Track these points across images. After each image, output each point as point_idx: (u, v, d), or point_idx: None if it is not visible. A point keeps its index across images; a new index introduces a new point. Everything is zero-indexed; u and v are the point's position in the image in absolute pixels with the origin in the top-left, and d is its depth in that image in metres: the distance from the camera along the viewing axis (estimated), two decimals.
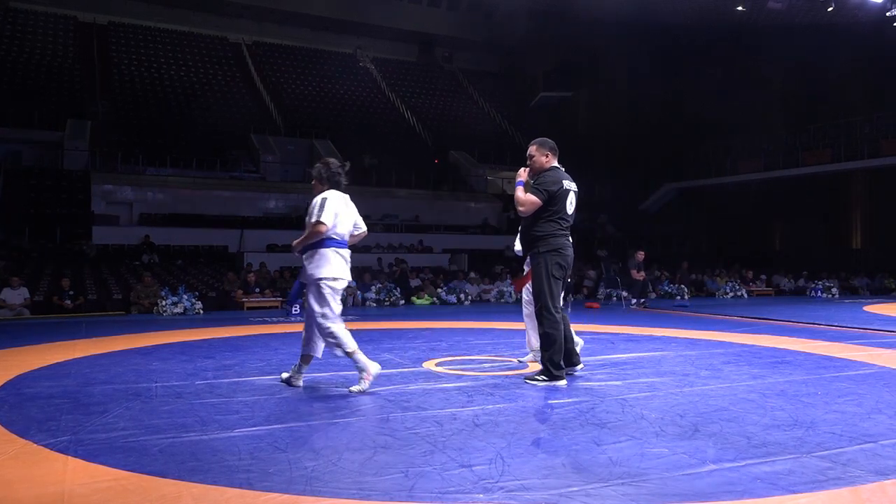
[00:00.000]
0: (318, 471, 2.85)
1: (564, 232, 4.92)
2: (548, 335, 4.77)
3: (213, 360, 6.08)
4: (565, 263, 4.88)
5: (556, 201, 4.85)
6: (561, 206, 4.87)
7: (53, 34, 25.70)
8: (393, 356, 6.32)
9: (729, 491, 2.63)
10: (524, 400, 4.33)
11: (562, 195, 4.87)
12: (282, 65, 29.59)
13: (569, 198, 4.93)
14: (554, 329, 4.75)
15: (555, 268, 4.82)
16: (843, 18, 18.90)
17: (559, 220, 4.87)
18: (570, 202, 4.95)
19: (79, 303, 12.23)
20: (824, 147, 21.89)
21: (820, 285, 17.59)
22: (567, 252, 4.89)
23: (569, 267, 4.96)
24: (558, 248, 4.84)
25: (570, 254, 4.93)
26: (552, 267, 4.81)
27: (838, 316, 10.91)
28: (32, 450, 3.22)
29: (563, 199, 4.88)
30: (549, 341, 4.78)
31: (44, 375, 5.29)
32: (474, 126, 29.11)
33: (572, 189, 4.97)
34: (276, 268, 16.08)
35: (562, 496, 2.57)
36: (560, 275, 4.86)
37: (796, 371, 5.48)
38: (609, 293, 16.17)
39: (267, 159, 22.58)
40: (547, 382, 4.75)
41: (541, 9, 26.37)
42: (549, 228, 4.86)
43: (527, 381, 4.85)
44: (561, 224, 4.89)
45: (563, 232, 4.91)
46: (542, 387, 4.71)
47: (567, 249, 4.90)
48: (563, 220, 4.90)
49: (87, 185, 19.13)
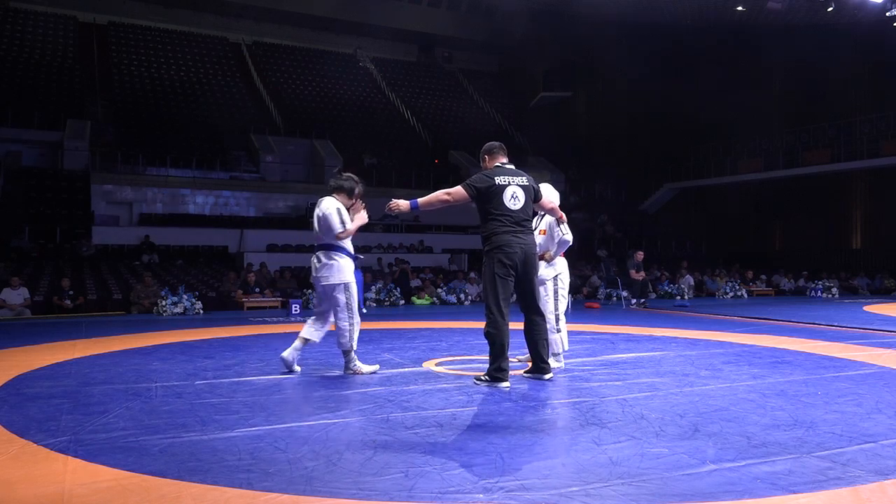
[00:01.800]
0: (318, 471, 2.85)
1: (509, 228, 4.73)
2: (487, 334, 4.71)
3: (213, 360, 6.09)
4: (510, 261, 4.68)
5: (490, 198, 4.74)
6: (497, 203, 4.74)
7: (53, 34, 25.70)
8: (393, 356, 6.33)
9: (729, 491, 2.63)
10: (524, 400, 4.32)
11: (495, 191, 4.74)
12: (282, 65, 29.60)
13: (507, 192, 4.76)
14: (494, 329, 4.66)
15: (497, 266, 4.68)
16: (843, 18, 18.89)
17: (500, 216, 4.73)
18: (513, 196, 4.77)
19: (79, 303, 12.24)
20: (824, 147, 21.88)
21: (820, 285, 17.59)
22: (512, 249, 4.68)
23: (517, 264, 4.72)
24: (501, 245, 4.69)
25: (518, 250, 4.70)
26: (495, 265, 4.69)
27: (838, 316, 10.90)
28: (32, 450, 3.22)
29: (498, 195, 4.74)
30: (489, 342, 4.73)
31: (44, 375, 5.29)
32: (474, 126, 29.10)
33: (515, 183, 4.81)
34: (276, 268, 16.09)
35: (562, 496, 2.57)
36: (504, 273, 4.69)
37: (796, 371, 5.48)
38: (609, 293, 16.18)
39: (267, 159, 22.58)
40: (488, 383, 4.70)
41: (541, 9, 26.35)
42: (490, 227, 4.75)
43: (475, 381, 4.82)
44: (503, 221, 4.73)
45: (506, 228, 4.72)
46: (485, 388, 4.65)
47: (512, 246, 4.69)
48: (505, 216, 4.74)
49: (87, 185, 19.14)
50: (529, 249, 4.79)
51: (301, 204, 21.49)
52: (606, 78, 28.82)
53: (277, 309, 12.98)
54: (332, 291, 5.21)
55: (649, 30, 23.14)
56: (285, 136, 24.24)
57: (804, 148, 22.40)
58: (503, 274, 4.69)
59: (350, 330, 5.23)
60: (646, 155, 26.44)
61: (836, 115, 21.84)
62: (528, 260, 4.76)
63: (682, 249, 23.51)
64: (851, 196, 23.15)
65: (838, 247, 23.22)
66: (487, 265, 4.76)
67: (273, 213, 21.58)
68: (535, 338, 4.89)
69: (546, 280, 5.43)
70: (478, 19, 32.06)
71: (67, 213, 18.11)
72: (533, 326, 4.88)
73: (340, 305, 5.23)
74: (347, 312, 5.24)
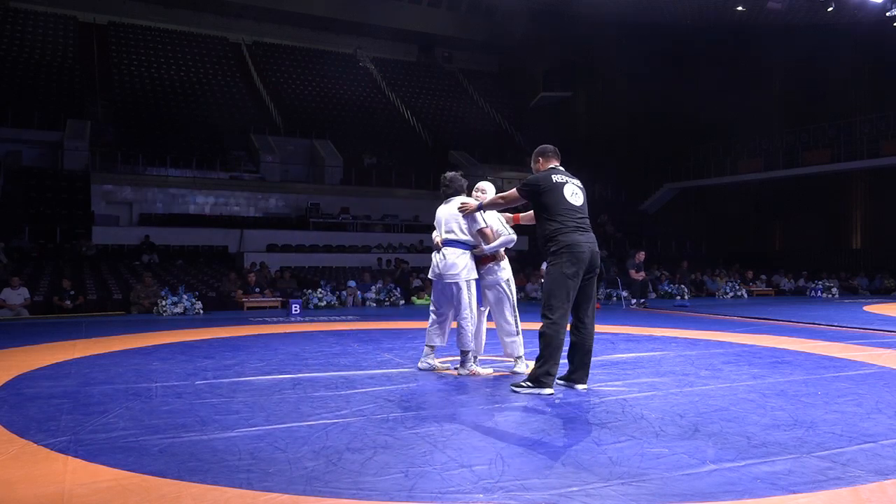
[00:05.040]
0: (318, 471, 2.85)
1: (576, 225, 4.54)
2: (543, 335, 4.45)
3: (213, 360, 6.08)
4: (579, 261, 4.46)
5: (550, 194, 4.58)
6: (558, 198, 4.57)
7: (53, 34, 25.71)
8: (393, 356, 6.33)
9: (729, 491, 2.63)
10: (524, 400, 4.32)
11: (554, 188, 4.59)
12: (282, 65, 29.60)
13: (567, 189, 4.61)
14: (553, 330, 4.41)
15: (567, 265, 4.44)
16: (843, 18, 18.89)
17: (563, 213, 4.55)
18: (574, 193, 4.63)
19: (78, 303, 12.23)
20: (824, 147, 21.88)
21: (820, 285, 17.59)
22: (581, 248, 4.47)
23: (586, 264, 4.50)
24: (570, 244, 4.47)
25: (587, 249, 4.50)
26: (564, 265, 4.45)
27: (838, 316, 10.90)
28: (32, 450, 3.22)
29: (559, 191, 4.59)
30: (543, 343, 4.46)
31: (44, 375, 5.29)
32: (474, 126, 29.12)
33: (572, 182, 4.68)
34: (276, 268, 16.09)
35: (562, 496, 2.57)
36: (573, 273, 4.44)
37: (796, 371, 5.48)
38: (609, 293, 16.18)
39: (267, 159, 22.58)
40: (530, 388, 4.47)
41: (541, 9, 26.36)
42: (553, 226, 4.56)
43: (512, 389, 4.55)
44: (568, 216, 4.54)
45: (573, 225, 4.53)
46: (526, 395, 4.44)
47: (581, 246, 4.48)
48: (570, 212, 4.55)
49: (87, 185, 19.14)
50: (595, 249, 4.60)
51: (301, 204, 21.50)
52: (606, 78, 28.82)
53: (277, 309, 12.99)
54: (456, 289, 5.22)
55: (649, 30, 23.14)
56: (285, 136, 24.24)
57: (804, 148, 22.39)
58: (572, 274, 4.46)
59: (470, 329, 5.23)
60: (646, 155, 26.44)
61: (836, 115, 21.83)
62: (594, 260, 4.58)
63: (682, 249, 23.51)
64: (851, 196, 23.14)
65: (838, 247, 23.22)
66: (555, 265, 4.49)
67: (273, 213, 21.58)
68: (585, 344, 4.62)
69: (500, 283, 5.27)
70: (478, 19, 32.07)
71: (67, 213, 18.11)
72: (584, 330, 4.63)
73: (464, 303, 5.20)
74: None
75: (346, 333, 8.66)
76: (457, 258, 5.16)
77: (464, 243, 5.20)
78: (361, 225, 21.45)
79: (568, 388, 4.64)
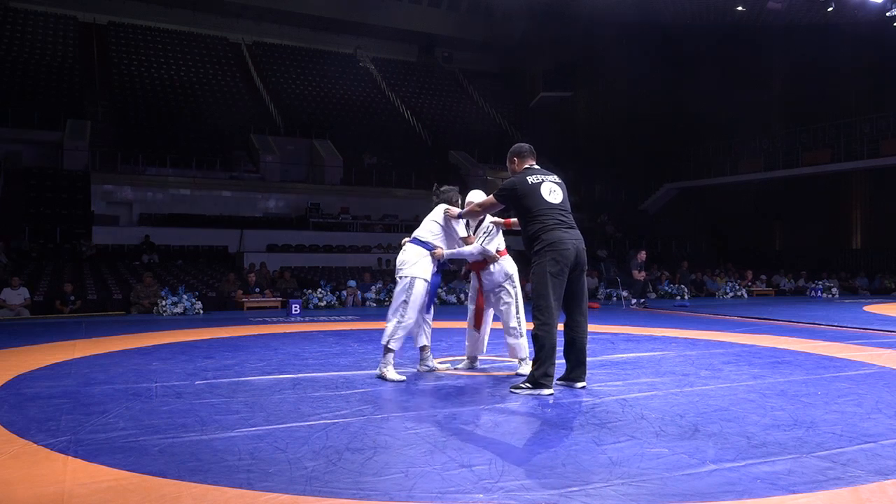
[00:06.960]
0: (318, 471, 2.85)
1: (558, 222, 4.50)
2: (536, 337, 4.43)
3: (213, 360, 6.08)
4: (563, 259, 4.42)
5: (527, 196, 4.54)
6: (536, 199, 4.52)
7: (53, 34, 25.69)
8: None
9: (729, 491, 2.63)
10: (524, 400, 4.32)
11: (530, 189, 4.55)
12: (282, 65, 29.58)
13: (544, 188, 4.56)
14: (545, 332, 4.39)
15: (550, 264, 4.41)
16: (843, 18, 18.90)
17: (543, 212, 4.51)
18: (551, 191, 4.58)
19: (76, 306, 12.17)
20: (824, 147, 21.87)
21: (820, 285, 17.59)
22: (565, 246, 4.44)
23: (570, 262, 4.46)
24: (553, 242, 4.44)
25: (571, 247, 4.46)
26: (548, 264, 4.42)
27: (838, 316, 10.90)
28: (32, 450, 3.22)
29: (535, 191, 4.55)
30: (537, 345, 4.43)
31: (44, 375, 5.29)
32: (474, 126, 29.10)
33: (549, 180, 4.63)
34: (275, 268, 16.09)
35: (562, 496, 2.57)
36: (558, 272, 4.41)
37: (796, 371, 5.48)
38: (609, 293, 16.18)
39: (267, 159, 22.58)
40: (529, 390, 4.43)
41: (540, 9, 26.37)
42: (535, 226, 4.52)
43: (511, 391, 4.51)
44: (549, 215, 4.51)
45: (555, 223, 4.49)
46: (524, 394, 4.41)
47: (565, 243, 4.44)
48: (551, 209, 4.53)
49: (87, 185, 19.14)
50: (581, 245, 4.56)
51: (301, 204, 21.50)
52: (606, 78, 28.82)
53: (277, 309, 12.99)
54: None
55: (649, 30, 23.14)
56: (285, 136, 24.23)
57: (804, 148, 22.39)
58: (556, 273, 4.42)
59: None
60: (646, 155, 26.43)
61: (836, 115, 21.82)
62: (579, 256, 4.54)
63: (682, 249, 23.51)
64: (851, 196, 23.14)
65: (838, 247, 23.22)
66: (538, 264, 4.46)
67: (273, 214, 21.58)
68: (579, 341, 4.62)
69: (501, 284, 5.22)
70: (478, 19, 32.06)
71: (67, 213, 18.11)
72: (576, 327, 4.62)
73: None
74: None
75: (346, 333, 8.67)
76: (412, 255, 5.20)
77: (425, 243, 5.23)
78: (361, 225, 21.44)
79: (567, 388, 4.66)
